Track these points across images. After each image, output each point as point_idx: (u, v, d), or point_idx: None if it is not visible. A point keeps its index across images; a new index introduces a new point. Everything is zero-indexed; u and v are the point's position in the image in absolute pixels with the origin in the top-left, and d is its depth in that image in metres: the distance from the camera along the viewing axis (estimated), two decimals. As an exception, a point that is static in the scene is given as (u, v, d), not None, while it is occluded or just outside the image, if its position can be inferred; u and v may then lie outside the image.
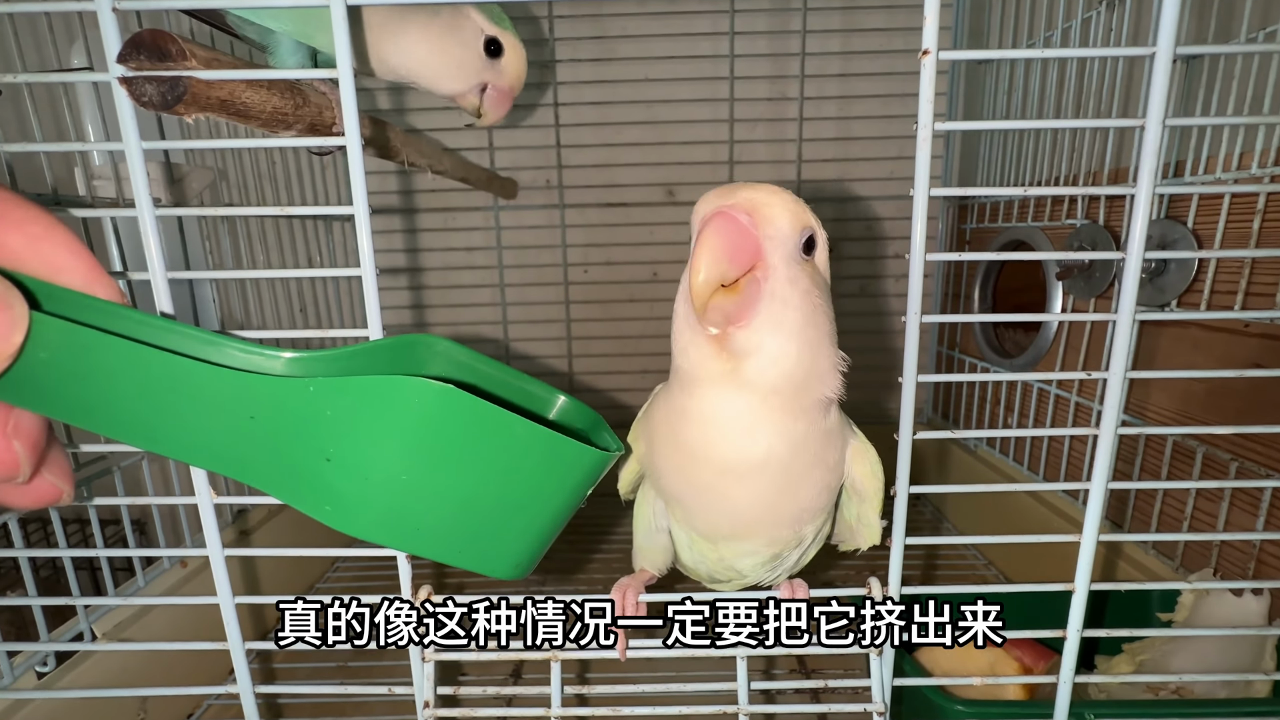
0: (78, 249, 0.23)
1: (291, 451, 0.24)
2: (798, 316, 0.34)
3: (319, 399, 0.23)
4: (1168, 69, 0.32)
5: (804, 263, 0.35)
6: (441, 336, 0.31)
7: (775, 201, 0.34)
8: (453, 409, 0.24)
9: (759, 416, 0.35)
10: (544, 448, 0.26)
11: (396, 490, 0.24)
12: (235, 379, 0.23)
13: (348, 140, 0.34)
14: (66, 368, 0.21)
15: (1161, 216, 0.69)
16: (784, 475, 0.36)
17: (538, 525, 0.28)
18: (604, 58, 1.06)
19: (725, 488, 0.37)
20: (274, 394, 0.23)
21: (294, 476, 0.24)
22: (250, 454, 0.24)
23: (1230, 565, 0.62)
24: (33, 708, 0.53)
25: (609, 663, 0.40)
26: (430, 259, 1.14)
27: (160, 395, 0.22)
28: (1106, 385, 0.37)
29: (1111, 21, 0.75)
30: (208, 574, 0.71)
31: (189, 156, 0.77)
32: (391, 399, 0.23)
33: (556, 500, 0.28)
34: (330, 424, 0.23)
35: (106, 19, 0.32)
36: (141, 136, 0.34)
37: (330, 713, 0.65)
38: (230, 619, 0.41)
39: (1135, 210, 0.34)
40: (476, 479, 0.26)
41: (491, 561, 0.28)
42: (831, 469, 0.39)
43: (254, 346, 0.26)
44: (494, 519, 0.27)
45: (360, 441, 0.24)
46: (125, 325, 0.24)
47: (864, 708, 0.40)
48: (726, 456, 0.36)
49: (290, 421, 0.23)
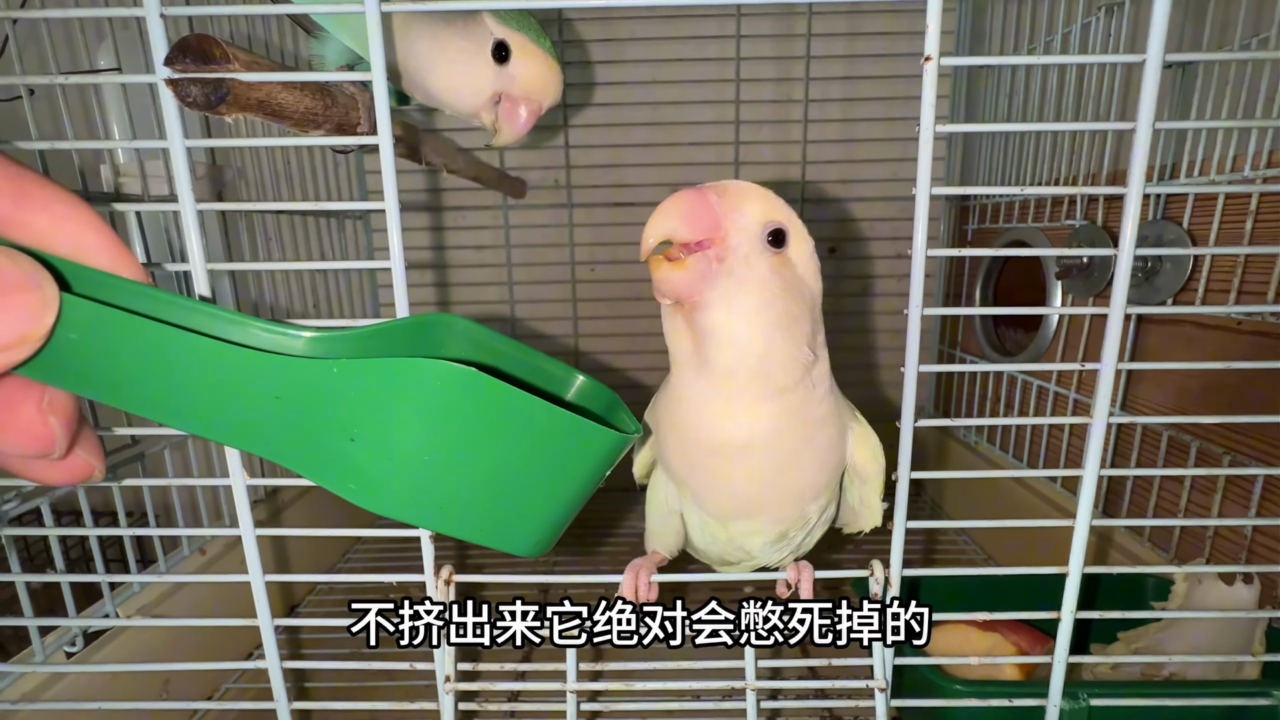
0: (102, 229, 0.23)
1: (316, 431, 0.24)
2: (752, 300, 0.35)
3: (342, 380, 0.23)
4: (1157, 75, 0.34)
5: (770, 254, 0.36)
6: (460, 316, 0.32)
7: (748, 190, 0.35)
8: (475, 391, 0.24)
9: (730, 399, 0.37)
10: (565, 430, 0.27)
11: (420, 470, 0.25)
12: (260, 359, 0.23)
13: (380, 139, 0.36)
14: (96, 347, 0.22)
15: (1159, 217, 0.70)
16: (773, 455, 0.38)
17: (558, 504, 0.29)
18: (612, 60, 1.08)
19: (718, 467, 0.39)
20: (298, 374, 0.23)
21: (319, 455, 0.24)
22: (276, 432, 0.24)
23: (1223, 556, 0.64)
24: (63, 686, 0.55)
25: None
26: (441, 256, 1.16)
27: (187, 374, 0.23)
28: (1099, 375, 0.39)
29: (1110, 27, 0.77)
30: (226, 560, 0.74)
31: (209, 155, 0.79)
32: (414, 381, 0.24)
33: (577, 480, 0.29)
34: (354, 404, 0.24)
35: (154, 24, 0.34)
36: (183, 135, 0.36)
37: (352, 692, 0.66)
38: (260, 596, 0.43)
39: (1126, 209, 0.36)
40: (498, 459, 0.26)
41: (513, 539, 0.28)
42: (827, 451, 0.40)
43: (277, 326, 0.26)
44: (515, 498, 0.27)
45: (384, 422, 0.24)
46: (151, 305, 0.24)
47: (866, 683, 0.42)
48: (712, 438, 0.38)
49: (314, 401, 0.23)
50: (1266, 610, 0.52)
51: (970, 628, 0.55)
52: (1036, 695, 0.44)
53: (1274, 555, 0.59)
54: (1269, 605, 0.57)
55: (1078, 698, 0.45)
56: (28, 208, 0.22)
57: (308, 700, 0.64)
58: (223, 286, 0.82)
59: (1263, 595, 0.55)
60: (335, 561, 0.93)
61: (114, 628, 0.60)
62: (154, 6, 0.34)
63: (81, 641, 0.58)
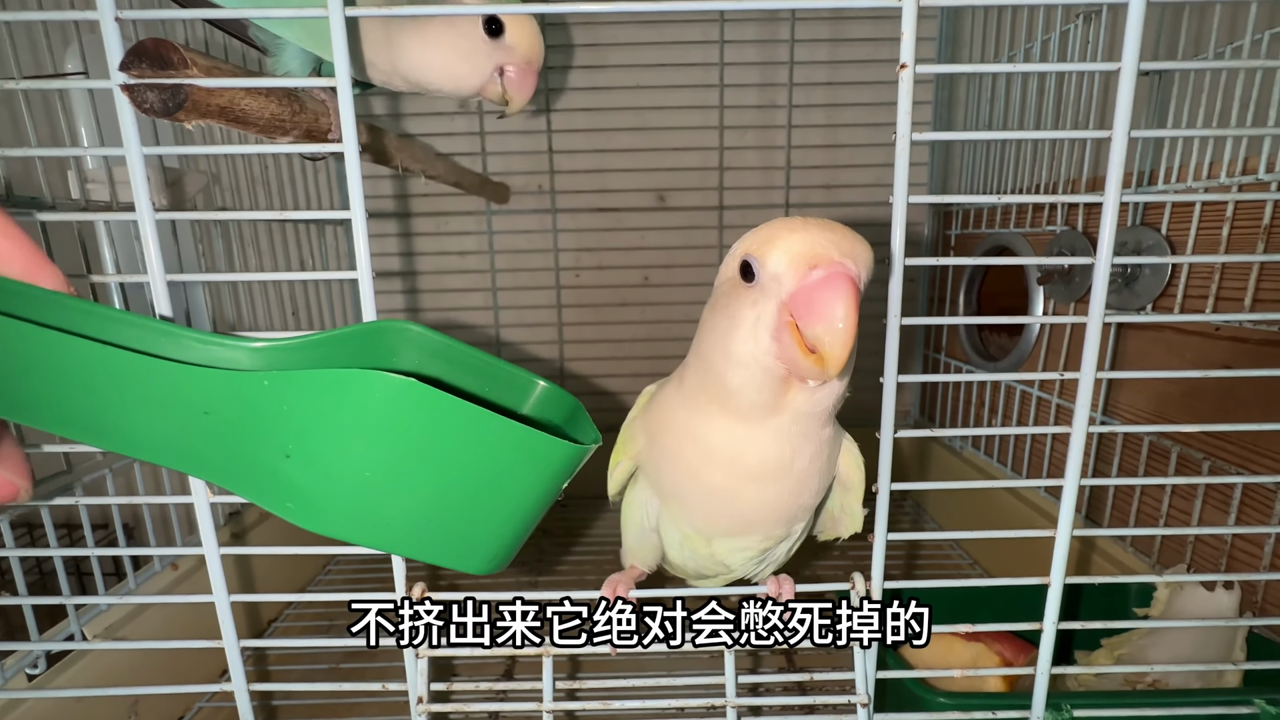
0: (17, 236, 0.22)
1: (250, 447, 0.23)
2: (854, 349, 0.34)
3: (275, 393, 0.22)
4: (1132, 84, 0.34)
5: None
6: (414, 322, 0.30)
7: (868, 254, 0.32)
8: (416, 403, 0.23)
9: (794, 432, 0.36)
10: (514, 441, 0.25)
11: (361, 486, 0.24)
12: (185, 372, 0.22)
13: (345, 147, 0.35)
14: (6, 363, 0.20)
15: (1138, 223, 0.71)
16: (795, 478, 0.38)
17: (511, 520, 0.27)
18: (596, 65, 1.08)
19: (738, 490, 0.38)
20: (228, 388, 0.22)
21: (254, 472, 0.23)
22: (206, 449, 0.23)
23: (1204, 562, 0.64)
24: (24, 710, 0.53)
25: (599, 658, 0.41)
26: (424, 263, 1.15)
27: (107, 390, 0.21)
28: (1079, 385, 0.38)
29: (1089, 34, 0.78)
30: (199, 577, 0.72)
31: (183, 161, 0.77)
32: (352, 393, 0.22)
33: (530, 494, 0.27)
34: (288, 419, 0.22)
35: (109, 29, 0.33)
36: (140, 142, 0.34)
37: (323, 713, 0.65)
38: (225, 616, 0.42)
39: (1104, 217, 0.36)
40: (444, 474, 0.25)
41: (465, 557, 0.27)
42: (827, 473, 0.40)
43: (212, 336, 0.25)
44: (465, 514, 0.26)
45: (321, 437, 0.23)
46: (71, 317, 0.23)
47: (848, 699, 0.41)
48: (750, 465, 0.37)
49: (247, 416, 0.22)
50: (1247, 617, 0.52)
51: (954, 639, 0.55)
52: (1020, 706, 0.44)
53: (1253, 561, 0.59)
54: (1249, 612, 0.57)
55: (1061, 709, 0.44)
56: None
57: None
58: (197, 297, 0.80)
59: (1243, 601, 0.55)
60: (310, 580, 0.91)
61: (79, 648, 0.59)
62: (109, 10, 0.33)
63: (45, 662, 0.56)
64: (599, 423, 0.35)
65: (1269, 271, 0.58)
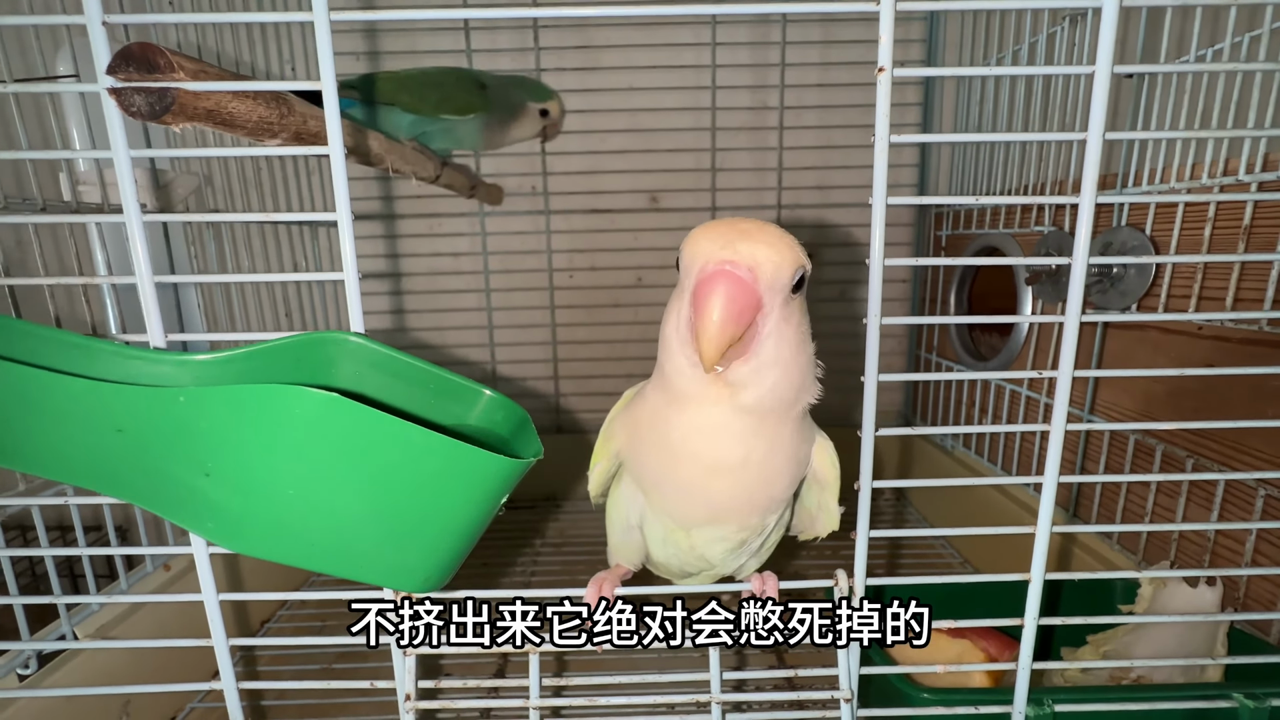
0: None
1: (166, 465, 0.22)
2: (790, 349, 0.36)
3: (191, 410, 0.21)
4: (1106, 86, 0.35)
5: (795, 298, 0.36)
6: (354, 334, 0.29)
7: (774, 255, 0.34)
8: (339, 418, 0.22)
9: (746, 427, 0.37)
10: (445, 456, 0.25)
11: (283, 505, 0.23)
12: (91, 389, 0.21)
13: (331, 149, 0.35)
14: None
15: (1122, 224, 0.72)
16: (760, 471, 0.39)
17: (446, 536, 0.27)
18: (589, 67, 1.08)
19: (703, 480, 0.39)
20: (140, 405, 0.21)
21: (171, 492, 0.22)
22: (120, 468, 0.22)
23: (1188, 560, 0.65)
24: (15, 710, 0.53)
25: (587, 655, 0.41)
26: (416, 264, 1.15)
27: (10, 407, 0.20)
28: (1057, 383, 0.39)
29: (1074, 37, 0.78)
30: (191, 577, 0.72)
31: (174, 163, 0.78)
32: (271, 409, 0.22)
33: (464, 510, 0.26)
34: (206, 436, 0.22)
35: (96, 32, 0.34)
36: (129, 144, 0.35)
37: (313, 712, 0.65)
38: (214, 615, 0.42)
39: (1080, 216, 0.37)
40: (372, 491, 0.24)
41: (398, 576, 0.26)
42: (800, 464, 0.41)
43: (134, 351, 0.24)
44: (396, 532, 0.25)
45: (241, 454, 0.22)
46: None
47: (832, 694, 0.42)
48: (714, 460, 0.38)
49: (162, 434, 0.21)
50: (1228, 613, 0.52)
51: (938, 635, 0.55)
52: (1002, 702, 0.44)
53: (1235, 558, 0.60)
54: (1230, 607, 0.57)
55: (1043, 704, 0.45)
56: None
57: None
58: (189, 298, 0.81)
59: (1225, 599, 0.56)
60: (305, 579, 0.91)
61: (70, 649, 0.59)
62: (96, 14, 0.34)
63: (36, 662, 0.57)
64: (593, 422, 0.35)
65: (1250, 272, 0.59)
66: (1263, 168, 0.56)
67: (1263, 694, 0.45)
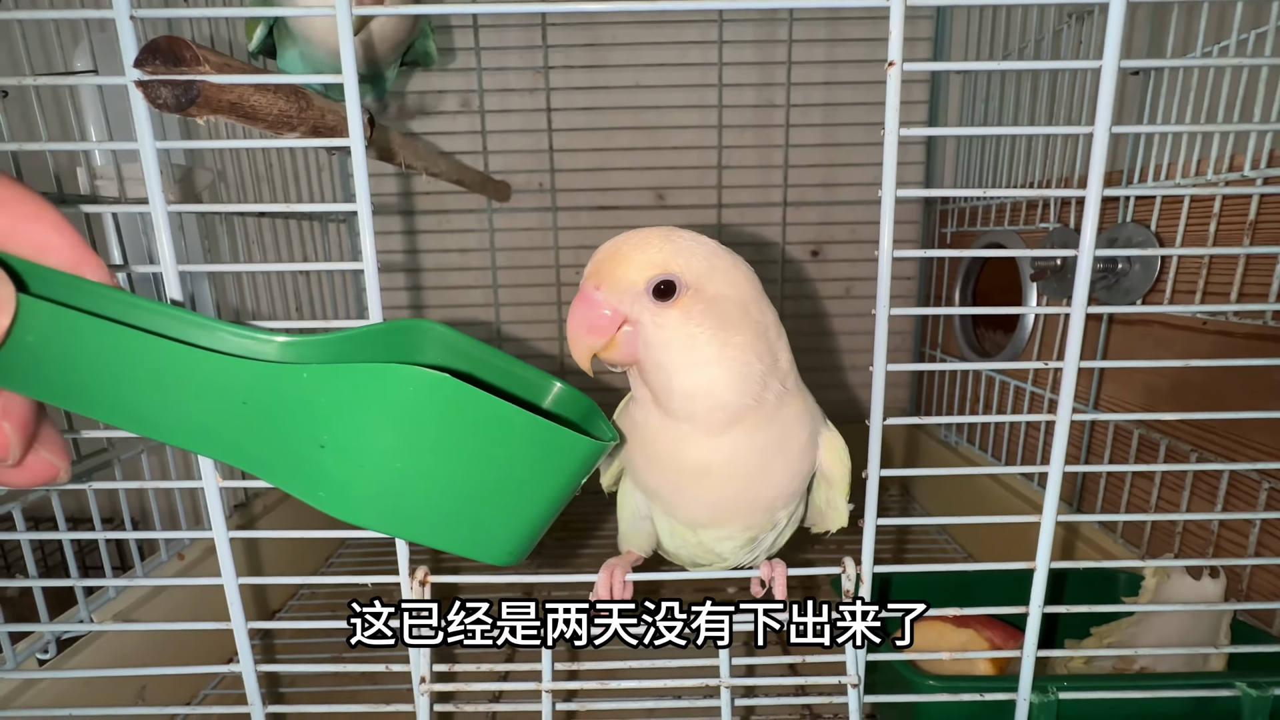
0: (66, 230, 0.23)
1: (285, 437, 0.23)
2: (677, 355, 0.36)
3: (312, 386, 0.23)
4: (1113, 81, 0.35)
5: (669, 306, 0.36)
6: (436, 321, 0.31)
7: (619, 270, 0.36)
8: (447, 397, 0.24)
9: (688, 431, 0.38)
10: (539, 437, 0.26)
11: (391, 477, 0.24)
12: (226, 364, 0.22)
13: (352, 142, 0.36)
14: (54, 351, 0.21)
15: (1127, 220, 0.72)
16: (742, 470, 0.39)
17: (533, 513, 0.28)
18: (596, 64, 1.09)
19: (684, 484, 0.40)
20: (267, 380, 0.23)
21: (288, 462, 0.24)
22: (244, 439, 0.23)
23: (1191, 552, 0.65)
24: (34, 693, 0.54)
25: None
26: (426, 259, 1.16)
27: (150, 379, 0.22)
28: (1062, 374, 0.39)
29: (1081, 34, 0.79)
30: (204, 565, 0.74)
31: (190, 158, 0.79)
32: (385, 387, 0.23)
33: (551, 488, 0.28)
34: (324, 410, 0.23)
35: (124, 26, 0.34)
36: (153, 136, 0.36)
37: (331, 696, 0.66)
38: (234, 599, 0.43)
39: (1086, 209, 0.37)
40: (471, 467, 0.25)
41: (488, 548, 0.27)
42: (797, 459, 0.41)
43: (247, 330, 0.25)
44: (489, 507, 0.27)
45: (354, 428, 0.23)
46: (116, 308, 0.23)
47: (838, 679, 0.42)
48: (680, 463, 0.39)
49: (284, 407, 0.23)
50: (1231, 603, 0.53)
51: (944, 623, 0.56)
52: (1007, 689, 0.45)
53: (1239, 549, 0.60)
54: (1233, 598, 0.58)
55: (1047, 691, 0.45)
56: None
57: (285, 704, 0.64)
58: (202, 290, 0.82)
59: (1228, 589, 0.56)
60: (320, 565, 0.93)
61: (89, 633, 0.60)
62: (124, 8, 0.34)
63: (54, 648, 0.58)
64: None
65: (1254, 267, 0.59)
66: (1268, 163, 0.57)
67: (1265, 683, 0.45)
